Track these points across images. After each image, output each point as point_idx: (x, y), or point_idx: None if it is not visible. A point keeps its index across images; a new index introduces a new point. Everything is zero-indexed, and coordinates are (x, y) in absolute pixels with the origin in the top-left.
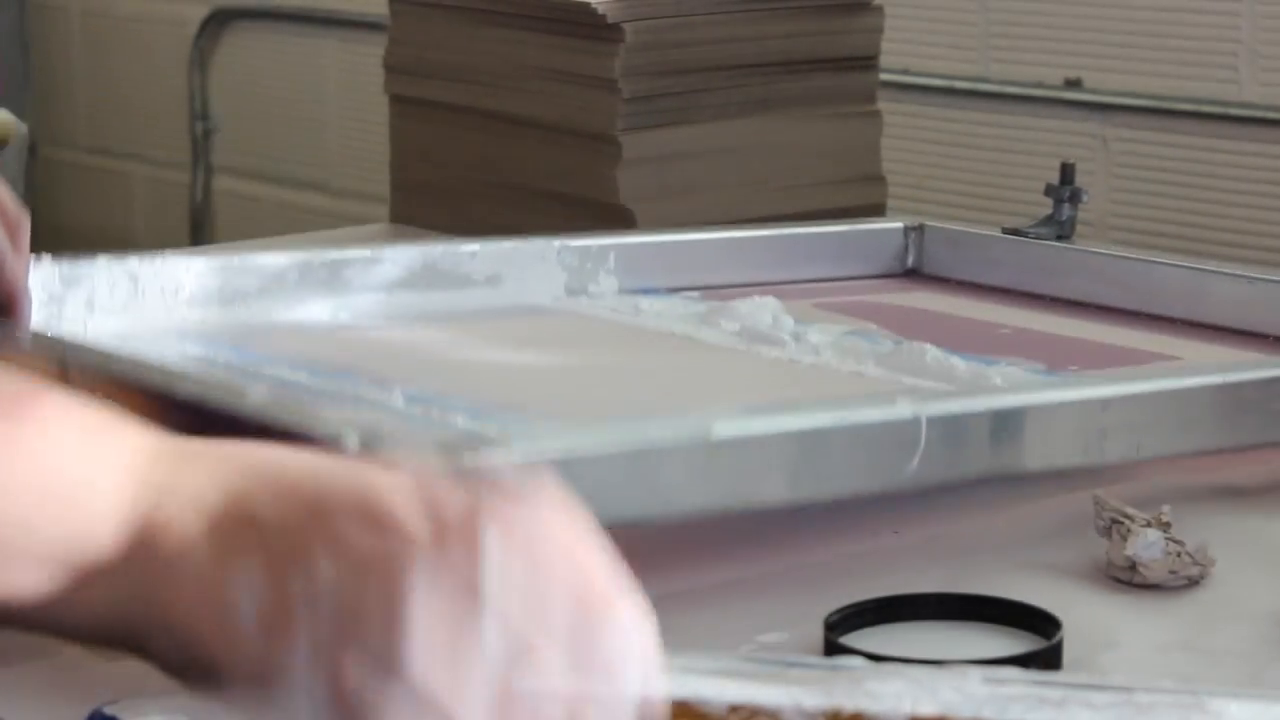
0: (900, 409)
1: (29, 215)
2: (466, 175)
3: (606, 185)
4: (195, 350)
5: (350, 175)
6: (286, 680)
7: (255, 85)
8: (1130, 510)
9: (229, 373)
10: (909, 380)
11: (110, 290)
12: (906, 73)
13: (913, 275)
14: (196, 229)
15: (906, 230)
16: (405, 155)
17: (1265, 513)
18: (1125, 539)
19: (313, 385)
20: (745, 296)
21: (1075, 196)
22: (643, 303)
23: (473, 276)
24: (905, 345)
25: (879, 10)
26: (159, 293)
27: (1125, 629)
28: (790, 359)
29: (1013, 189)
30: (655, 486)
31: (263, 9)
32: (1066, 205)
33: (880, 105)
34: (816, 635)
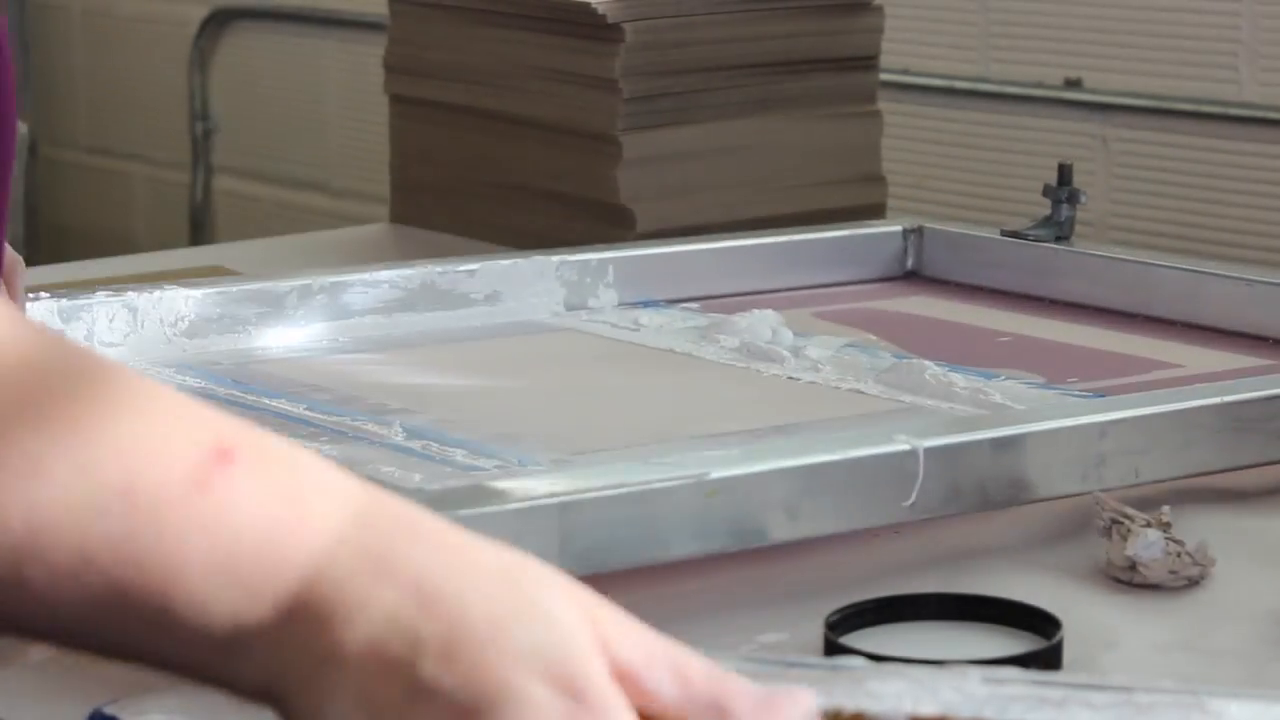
0: (898, 442)
1: (23, 263)
2: (466, 175)
3: (606, 185)
4: (195, 383)
5: (350, 175)
6: None
7: (255, 85)
8: (1130, 510)
9: (228, 410)
10: (908, 398)
11: (109, 323)
12: (906, 73)
13: (912, 278)
14: (196, 229)
15: (905, 233)
16: (405, 155)
17: (1265, 513)
18: (1125, 539)
19: (313, 419)
20: (745, 308)
21: (1073, 197)
22: (642, 317)
23: (471, 295)
24: (904, 362)
25: (879, 10)
26: (158, 323)
27: (1125, 629)
28: (789, 376)
29: (1013, 189)
30: (653, 529)
31: (263, 9)
32: (1065, 206)
33: (880, 105)
34: (816, 635)
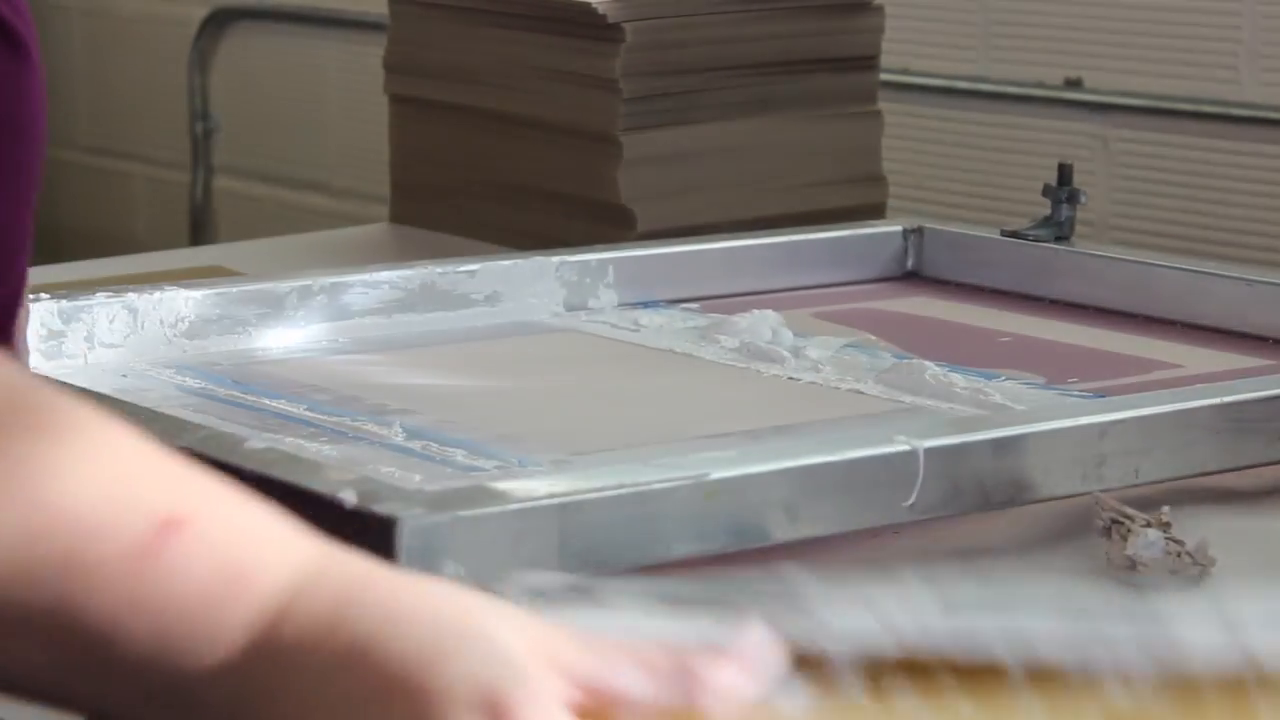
0: (898, 442)
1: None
2: (466, 175)
3: (607, 185)
4: (195, 383)
5: (350, 175)
6: None
7: (255, 85)
8: (1130, 510)
9: (228, 410)
10: (908, 398)
11: (110, 324)
12: (906, 73)
13: (912, 278)
14: (196, 229)
15: (906, 233)
16: (405, 155)
17: (1265, 513)
18: (1125, 539)
19: (313, 420)
20: (745, 308)
21: (1073, 197)
22: (642, 317)
23: (472, 296)
24: (904, 362)
25: (879, 10)
26: (158, 325)
27: None
28: (789, 377)
29: (1013, 189)
30: (653, 529)
31: (263, 9)
32: (1065, 206)
33: (880, 105)
34: None
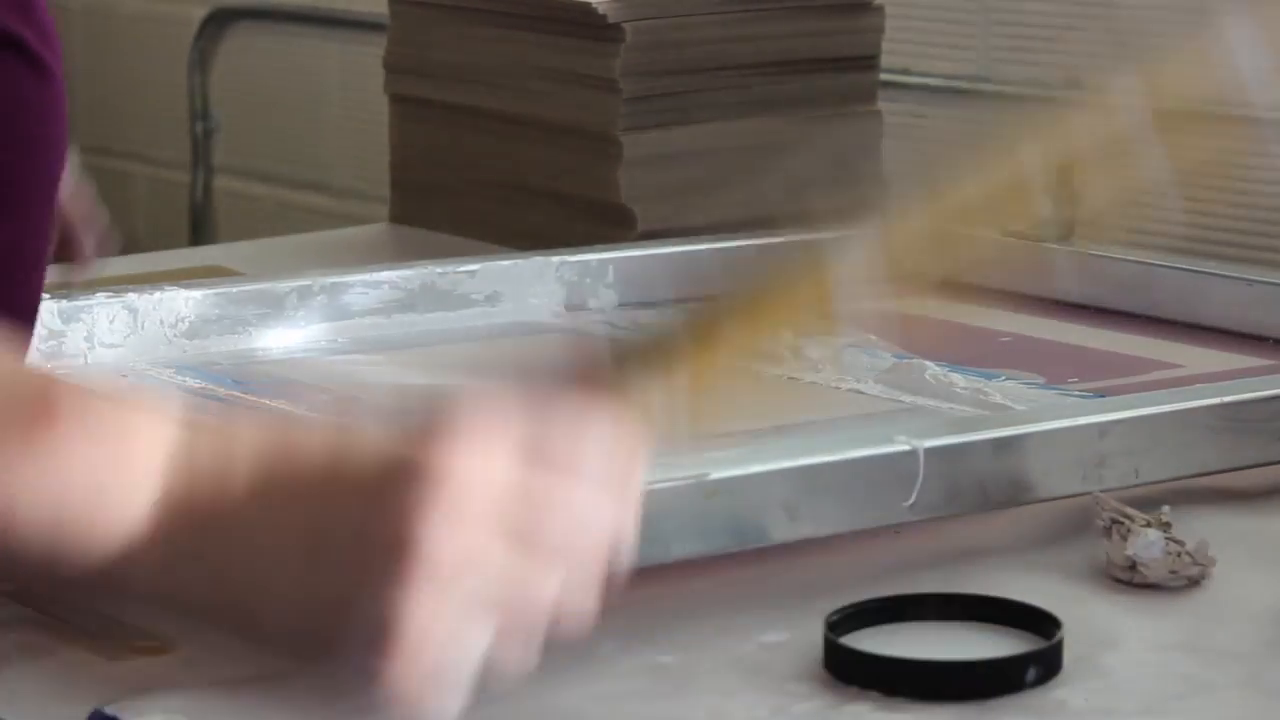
0: (898, 442)
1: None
2: (466, 175)
3: (607, 185)
4: (195, 383)
5: (350, 175)
6: (337, 623)
7: (255, 85)
8: (1130, 510)
9: (228, 411)
10: (908, 398)
11: (110, 324)
12: (906, 73)
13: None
14: (196, 229)
15: None
16: (405, 155)
17: (1265, 513)
18: (1125, 539)
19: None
20: None
21: (1074, 197)
22: (642, 317)
23: (472, 296)
24: (904, 362)
25: (879, 10)
26: (158, 324)
27: (1125, 629)
28: (789, 376)
29: None
30: (653, 529)
31: (263, 9)
32: (1065, 206)
33: (880, 105)
34: (816, 635)
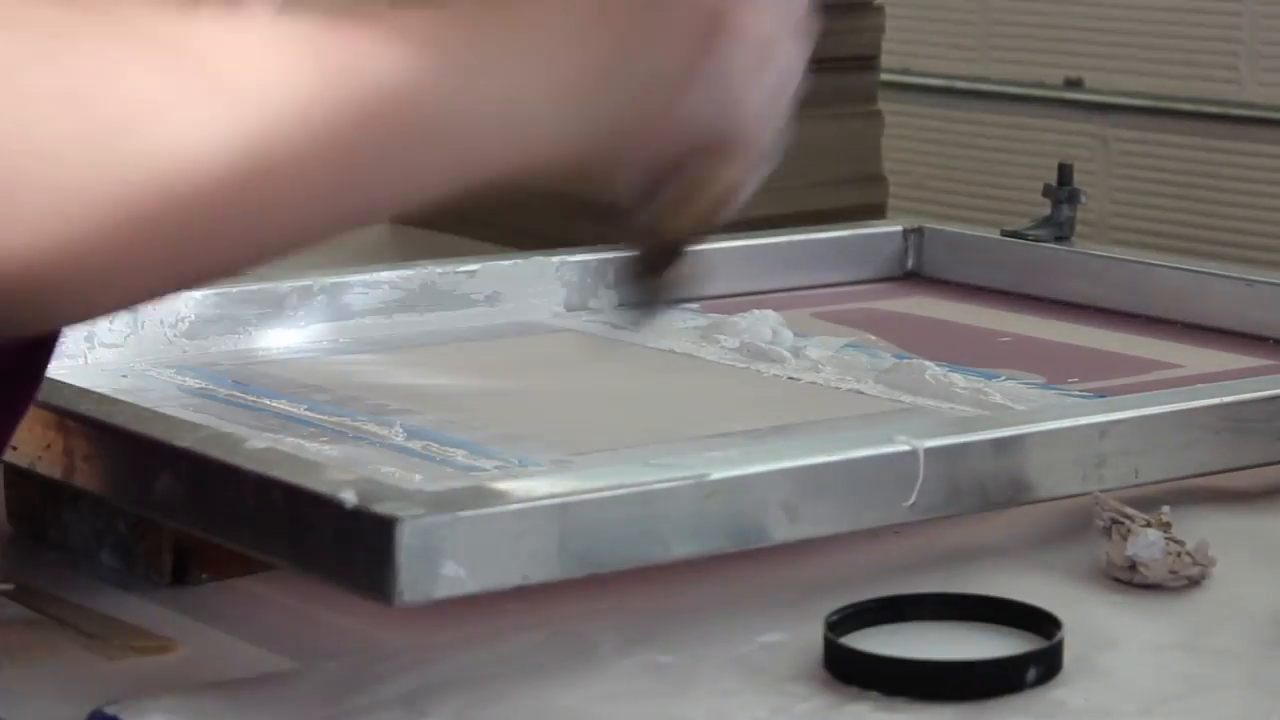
0: (898, 442)
1: None
2: None
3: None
4: (195, 383)
5: None
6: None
7: None
8: (1130, 510)
9: (228, 410)
10: (908, 399)
11: (110, 324)
12: (906, 73)
13: (912, 278)
14: None
15: (906, 233)
16: None
17: (1265, 513)
18: (1125, 539)
19: (313, 420)
20: (745, 308)
21: (1073, 197)
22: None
23: (472, 296)
24: (904, 362)
25: (879, 10)
26: (158, 324)
27: (1125, 629)
28: (789, 377)
29: (1013, 189)
30: (653, 529)
31: None
32: (1065, 206)
33: (880, 105)
34: (816, 635)
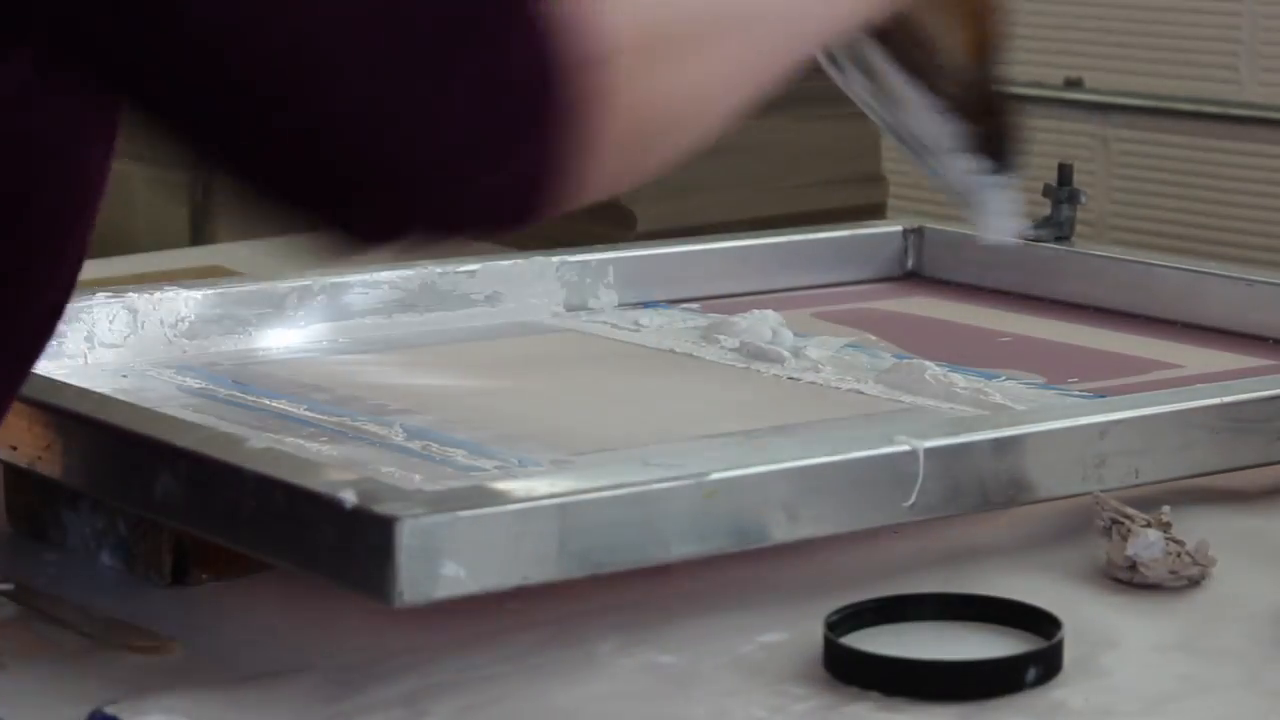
0: (898, 442)
1: None
2: None
3: None
4: (195, 383)
5: None
6: None
7: None
8: (1130, 510)
9: (228, 410)
10: (908, 399)
11: (110, 324)
12: None
13: (912, 278)
14: (196, 229)
15: (905, 233)
16: None
17: (1265, 513)
18: (1125, 539)
19: (313, 420)
20: (745, 308)
21: (1073, 197)
22: (642, 317)
23: (472, 296)
24: (904, 362)
25: None
26: (158, 325)
27: (1125, 629)
28: (789, 377)
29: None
30: (653, 529)
31: None
32: (1065, 206)
33: None
34: (816, 635)
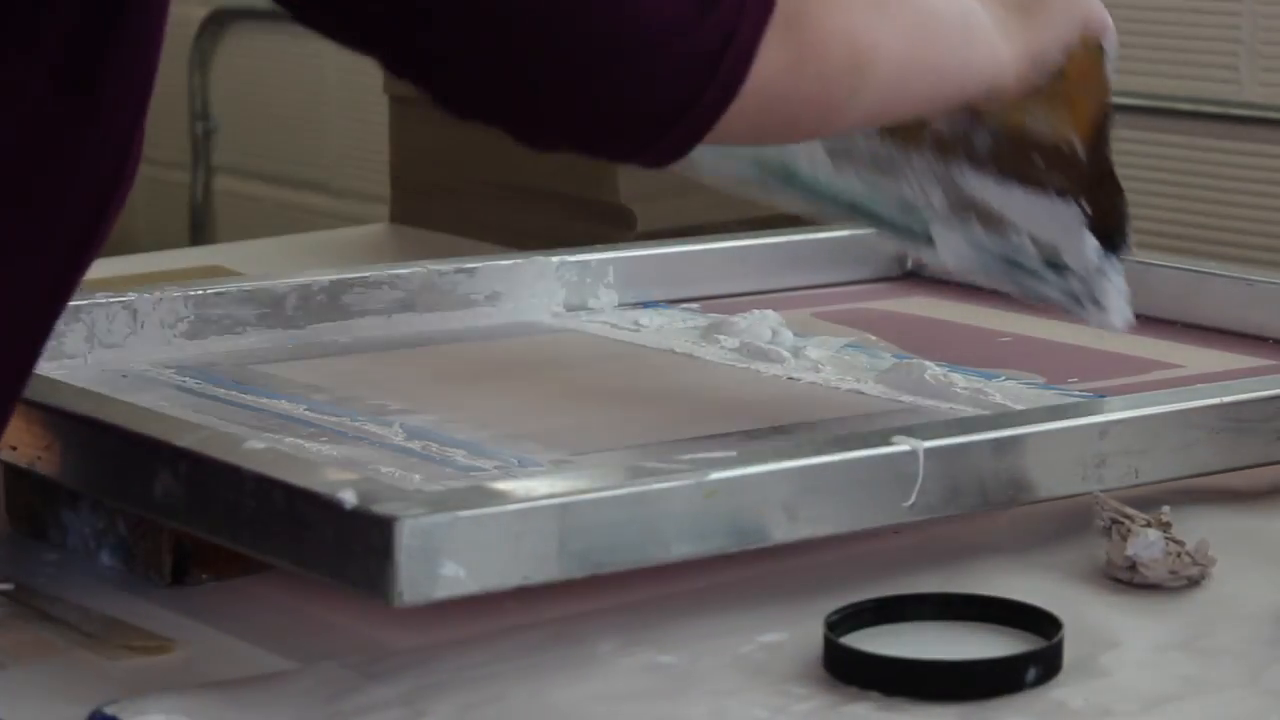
0: (898, 443)
1: None
2: (466, 175)
3: (606, 185)
4: (195, 384)
5: (350, 175)
6: None
7: (255, 85)
8: (1130, 510)
9: (228, 410)
10: (908, 399)
11: (109, 324)
12: None
13: (912, 278)
14: (196, 229)
15: None
16: (405, 155)
17: (1265, 513)
18: (1125, 539)
19: (313, 420)
20: (745, 308)
21: None
22: (642, 317)
23: (472, 296)
24: (904, 362)
25: None
26: (158, 324)
27: (1125, 629)
28: (789, 377)
29: None
30: (653, 529)
31: (263, 9)
32: None
33: None
34: (816, 635)
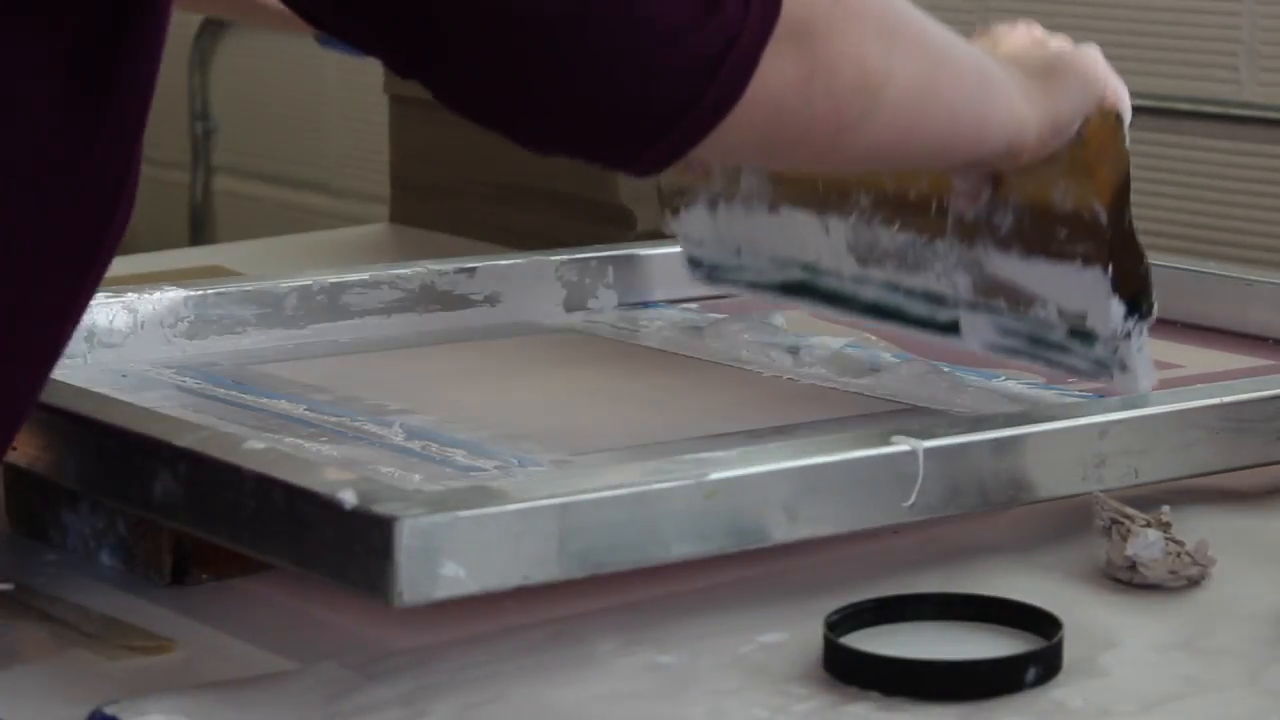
0: (898, 442)
1: None
2: (467, 175)
3: (606, 185)
4: (194, 383)
5: (350, 175)
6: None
7: (255, 85)
8: (1130, 510)
9: (228, 410)
10: (907, 399)
11: (109, 323)
12: None
13: None
14: (196, 229)
15: None
16: (405, 155)
17: (1265, 513)
18: (1125, 539)
19: (313, 420)
20: (745, 308)
21: None
22: (642, 317)
23: (472, 296)
24: (904, 362)
25: None
26: (158, 324)
27: (1125, 629)
28: (789, 377)
29: None
30: (653, 529)
31: None
32: None
33: None
34: (816, 635)
